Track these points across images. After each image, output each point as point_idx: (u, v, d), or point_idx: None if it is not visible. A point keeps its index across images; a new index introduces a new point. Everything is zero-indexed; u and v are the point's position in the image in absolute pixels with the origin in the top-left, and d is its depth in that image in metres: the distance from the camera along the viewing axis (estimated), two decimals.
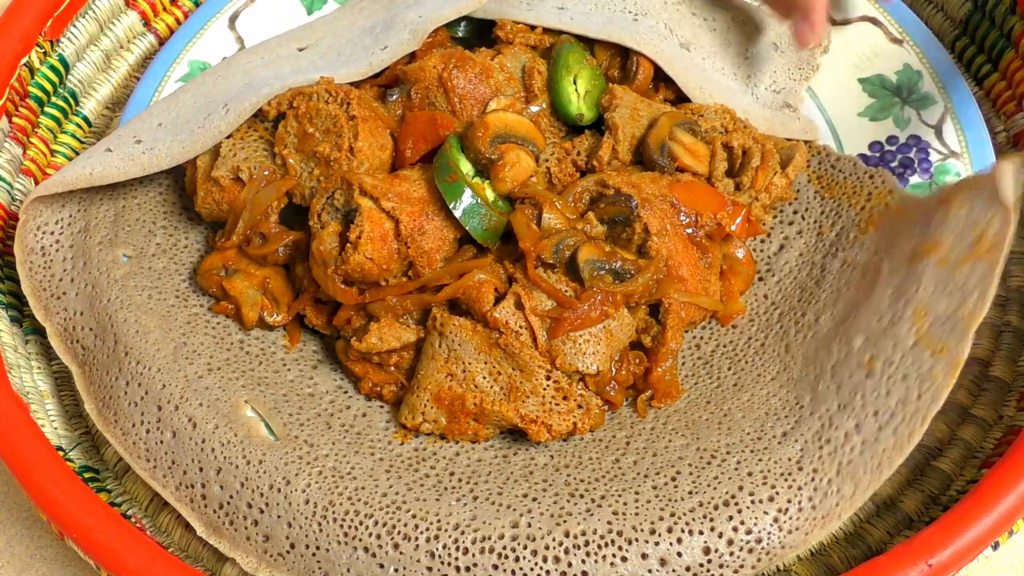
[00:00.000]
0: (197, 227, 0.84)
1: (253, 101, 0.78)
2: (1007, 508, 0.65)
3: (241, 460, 0.70)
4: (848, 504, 0.66)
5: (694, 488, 0.67)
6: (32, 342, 0.83)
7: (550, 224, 0.73)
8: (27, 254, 0.79)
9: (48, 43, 0.92)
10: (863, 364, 0.69)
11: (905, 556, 0.64)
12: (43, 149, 0.91)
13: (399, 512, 0.67)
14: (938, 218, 0.70)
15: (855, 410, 0.67)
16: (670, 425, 0.72)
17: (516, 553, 0.66)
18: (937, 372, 0.66)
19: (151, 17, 1.00)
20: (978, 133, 0.82)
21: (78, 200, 0.82)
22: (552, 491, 0.69)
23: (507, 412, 0.71)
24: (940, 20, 0.94)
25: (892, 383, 0.67)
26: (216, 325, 0.78)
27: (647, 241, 0.73)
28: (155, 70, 0.90)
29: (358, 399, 0.76)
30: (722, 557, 0.65)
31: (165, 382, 0.73)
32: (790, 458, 0.67)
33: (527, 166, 0.75)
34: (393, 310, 0.73)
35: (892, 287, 0.70)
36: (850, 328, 0.71)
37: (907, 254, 0.71)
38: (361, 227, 0.71)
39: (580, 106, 0.80)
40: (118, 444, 0.73)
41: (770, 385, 0.73)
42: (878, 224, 0.77)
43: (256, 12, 0.93)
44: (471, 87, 0.78)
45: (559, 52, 0.80)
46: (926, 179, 0.80)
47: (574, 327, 0.70)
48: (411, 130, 0.77)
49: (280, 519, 0.68)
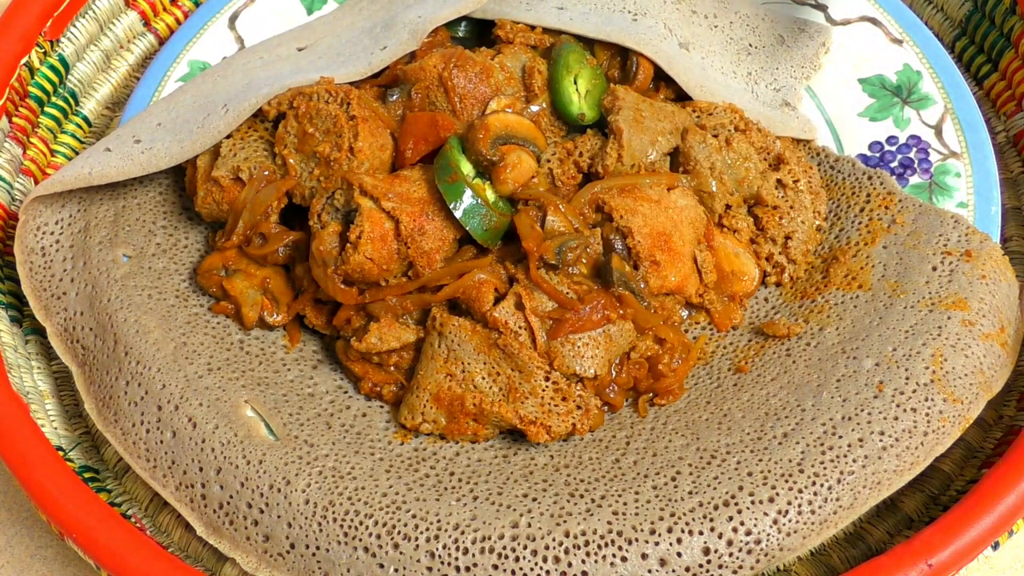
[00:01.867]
0: (197, 227, 0.84)
1: (252, 101, 0.78)
2: (1007, 508, 0.65)
3: (241, 460, 0.70)
4: (846, 514, 0.66)
5: (694, 488, 0.67)
6: (32, 342, 0.83)
7: (554, 227, 0.73)
8: (27, 254, 0.79)
9: (48, 43, 0.92)
10: (873, 385, 0.70)
11: (905, 556, 0.64)
12: (43, 149, 0.91)
13: (399, 512, 0.67)
14: (963, 276, 0.73)
15: (860, 425, 0.68)
16: (670, 425, 0.72)
17: (516, 553, 0.66)
18: (947, 417, 0.68)
19: (151, 17, 1.00)
20: (978, 133, 0.82)
21: (78, 200, 0.82)
22: (552, 491, 0.69)
23: (506, 413, 0.71)
24: (940, 20, 0.94)
25: (901, 411, 0.68)
26: (216, 325, 0.78)
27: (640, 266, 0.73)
28: (155, 70, 0.90)
29: (358, 399, 0.76)
30: (721, 558, 0.65)
31: (165, 382, 0.73)
32: (791, 459, 0.67)
33: (528, 167, 0.75)
34: (393, 310, 0.73)
35: (909, 324, 0.72)
36: (859, 349, 0.72)
37: (926, 297, 0.73)
38: (361, 227, 0.71)
39: (581, 105, 0.80)
40: (118, 444, 0.73)
41: (770, 386, 0.73)
42: (884, 238, 0.77)
43: (256, 12, 0.93)
44: (471, 86, 0.78)
45: (559, 52, 0.80)
46: (926, 179, 0.80)
47: (575, 329, 0.70)
48: (411, 131, 0.77)
49: (280, 519, 0.68)
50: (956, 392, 0.69)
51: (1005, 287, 0.74)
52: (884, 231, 0.78)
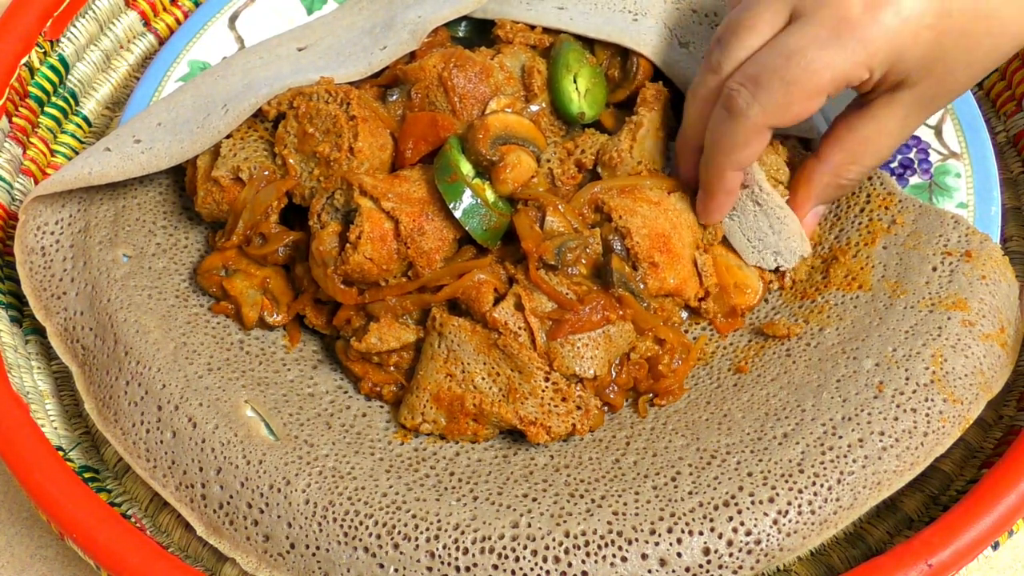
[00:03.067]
0: (197, 227, 0.84)
1: (252, 101, 0.78)
2: (1007, 508, 0.65)
3: (241, 460, 0.70)
4: (846, 514, 0.66)
5: (694, 488, 0.67)
6: (32, 342, 0.83)
7: (553, 227, 0.73)
8: (27, 254, 0.79)
9: (48, 43, 0.92)
10: (873, 385, 0.69)
11: (905, 556, 0.64)
12: (43, 149, 0.91)
13: (399, 512, 0.67)
14: (963, 277, 0.73)
15: (860, 425, 0.68)
16: (670, 425, 0.72)
17: (516, 553, 0.66)
18: (947, 418, 0.68)
19: (151, 17, 1.00)
20: (978, 133, 0.81)
21: (78, 200, 0.82)
22: (552, 491, 0.69)
23: (506, 413, 0.71)
24: None
25: (901, 411, 0.68)
26: (216, 325, 0.78)
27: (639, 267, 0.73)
28: (155, 70, 0.90)
29: (358, 399, 0.76)
30: (721, 558, 0.65)
31: (165, 382, 0.73)
32: (791, 459, 0.67)
33: (528, 167, 0.75)
34: (393, 310, 0.74)
35: (909, 324, 0.72)
36: (859, 349, 0.72)
37: (926, 298, 0.73)
38: (361, 227, 0.71)
39: (581, 105, 0.80)
40: (118, 444, 0.73)
41: (770, 386, 0.73)
42: (883, 238, 0.77)
43: (256, 12, 0.93)
44: (471, 86, 0.78)
45: (559, 51, 0.80)
46: (926, 179, 0.80)
47: (574, 329, 0.70)
48: (412, 131, 0.77)
49: (280, 519, 0.68)
50: (956, 392, 0.69)
51: (1005, 287, 0.74)
52: (884, 231, 0.78)
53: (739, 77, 0.68)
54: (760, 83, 0.67)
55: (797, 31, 0.66)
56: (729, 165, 0.71)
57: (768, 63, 0.67)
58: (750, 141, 0.69)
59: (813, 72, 0.65)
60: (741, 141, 0.69)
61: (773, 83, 0.66)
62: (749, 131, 0.68)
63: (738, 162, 0.71)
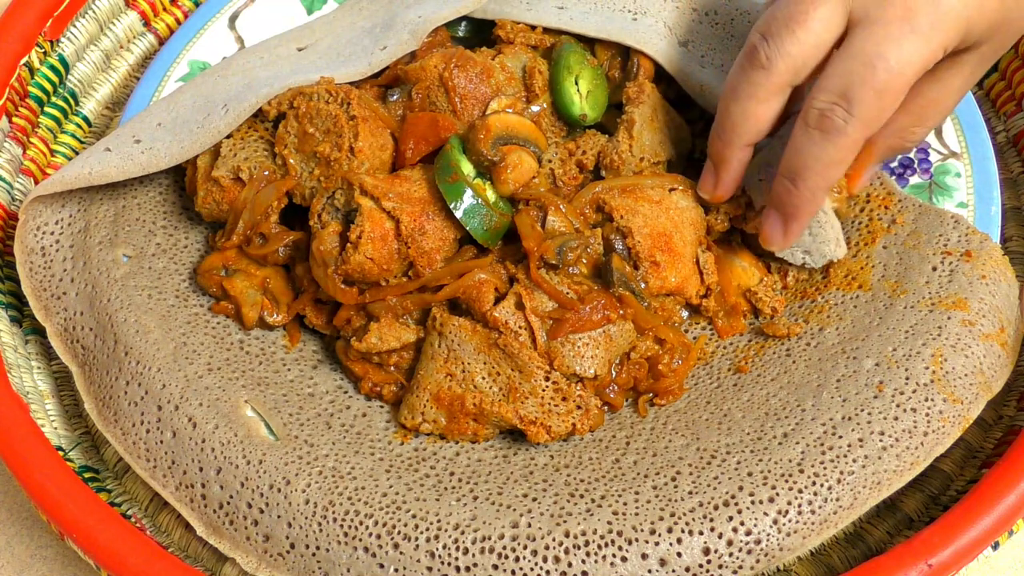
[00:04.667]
0: (197, 227, 0.84)
1: (252, 101, 0.78)
2: (1007, 508, 0.65)
3: (241, 460, 0.70)
4: (846, 514, 0.66)
5: (694, 488, 0.67)
6: (32, 342, 0.83)
7: (554, 227, 0.73)
8: (27, 254, 0.79)
9: (48, 43, 0.92)
10: (873, 385, 0.69)
11: (905, 556, 0.64)
12: (43, 149, 0.91)
13: (399, 512, 0.67)
14: (963, 276, 0.73)
15: (860, 425, 0.68)
16: (670, 425, 0.72)
17: (516, 553, 0.66)
18: (947, 417, 0.68)
19: (151, 17, 1.00)
20: (978, 133, 0.81)
21: (78, 200, 0.82)
22: (552, 491, 0.69)
23: (506, 413, 0.71)
24: None
25: (901, 411, 0.68)
26: (216, 325, 0.78)
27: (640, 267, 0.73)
28: (155, 70, 0.90)
29: (358, 399, 0.76)
30: (721, 558, 0.65)
31: (165, 382, 0.73)
32: (791, 459, 0.67)
33: (529, 167, 0.75)
34: (393, 310, 0.74)
35: (909, 324, 0.72)
36: (859, 349, 0.72)
37: (926, 297, 0.73)
38: (361, 227, 0.71)
39: (583, 106, 0.80)
40: (118, 444, 0.73)
41: (770, 386, 0.73)
42: (883, 238, 0.77)
43: (256, 12, 0.93)
44: (472, 86, 0.78)
45: (560, 53, 0.80)
46: (926, 179, 0.80)
47: (575, 329, 0.70)
48: (412, 131, 0.77)
49: (280, 519, 0.68)
50: (956, 392, 0.69)
51: (1005, 287, 0.74)
52: (884, 231, 0.78)
53: (825, 95, 0.65)
54: (852, 98, 0.64)
55: (869, 34, 0.64)
56: (825, 185, 0.69)
57: (853, 74, 0.64)
58: (847, 157, 0.67)
59: (899, 73, 0.64)
60: (839, 159, 0.67)
61: (866, 95, 0.64)
62: (848, 148, 0.66)
63: (834, 179, 0.69)
